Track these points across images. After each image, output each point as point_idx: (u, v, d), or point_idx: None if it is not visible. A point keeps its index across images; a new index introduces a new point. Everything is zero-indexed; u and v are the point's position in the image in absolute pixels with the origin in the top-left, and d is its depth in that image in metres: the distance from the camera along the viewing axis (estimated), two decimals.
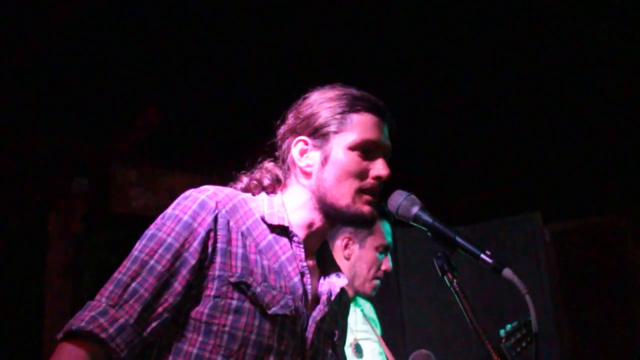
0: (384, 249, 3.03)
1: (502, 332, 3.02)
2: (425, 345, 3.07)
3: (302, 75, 4.37)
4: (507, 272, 1.58)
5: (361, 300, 3.18)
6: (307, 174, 1.81)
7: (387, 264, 3.05)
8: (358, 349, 2.95)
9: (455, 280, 1.67)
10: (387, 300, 5.80)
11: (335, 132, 1.78)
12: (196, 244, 1.65)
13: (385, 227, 3.05)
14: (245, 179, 1.89)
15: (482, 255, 1.62)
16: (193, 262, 1.63)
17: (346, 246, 3.02)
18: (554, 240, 6.58)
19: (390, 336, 3.31)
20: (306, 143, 1.81)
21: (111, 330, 1.54)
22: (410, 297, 6.32)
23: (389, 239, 3.06)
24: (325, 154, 1.78)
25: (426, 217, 1.72)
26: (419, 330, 6.24)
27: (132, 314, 1.57)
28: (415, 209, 1.74)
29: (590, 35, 4.46)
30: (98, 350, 1.54)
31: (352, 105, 1.80)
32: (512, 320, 2.98)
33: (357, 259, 3.00)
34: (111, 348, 1.54)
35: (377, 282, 3.05)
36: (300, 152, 1.82)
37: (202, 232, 1.66)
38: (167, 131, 5.11)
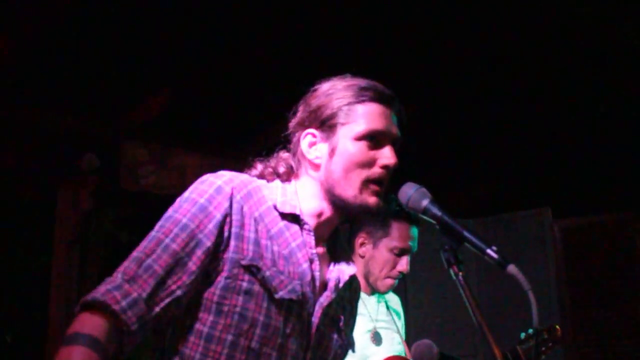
0: (399, 251, 3.06)
1: (522, 335, 3.11)
2: (428, 335, 3.09)
3: (315, 59, 4.40)
4: (512, 268, 1.58)
5: (389, 294, 3.27)
6: (316, 166, 1.84)
7: (403, 265, 3.07)
8: (377, 337, 3.05)
9: (460, 274, 1.67)
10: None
11: (342, 124, 1.80)
12: (211, 226, 1.69)
13: (412, 231, 3.08)
14: (259, 166, 1.92)
15: (488, 250, 1.62)
16: (208, 244, 1.68)
17: (361, 245, 3.10)
18: (563, 236, 6.56)
19: None
20: (314, 136, 1.84)
21: (123, 303, 1.58)
22: (416, 288, 6.32)
23: (411, 243, 3.08)
24: (332, 146, 1.81)
25: (435, 210, 1.73)
26: (423, 321, 6.24)
27: (145, 288, 1.61)
28: (425, 202, 1.75)
29: (608, 32, 4.44)
30: (110, 321, 1.57)
31: (358, 96, 1.81)
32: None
33: (369, 258, 3.07)
34: (122, 320, 1.57)
35: (391, 281, 3.09)
36: (309, 144, 1.84)
37: (217, 215, 1.70)
38: (178, 110, 5.13)
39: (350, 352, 2.00)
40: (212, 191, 1.73)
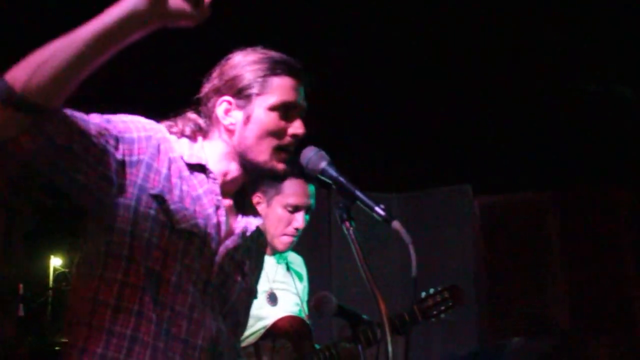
0: (293, 208, 3.10)
1: (422, 294, 3.21)
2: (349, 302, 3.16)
3: (233, 30, 4.44)
4: (396, 224, 1.74)
5: (292, 255, 3.33)
6: (230, 132, 1.98)
7: (299, 221, 3.12)
8: (272, 298, 3.12)
9: (351, 229, 1.81)
10: (316, 259, 5.92)
11: (257, 94, 1.94)
12: (129, 139, 1.81)
13: (308, 188, 3.14)
14: (166, 124, 2.03)
15: (376, 208, 1.78)
16: (119, 156, 1.78)
17: (257, 204, 3.05)
18: (481, 213, 6.79)
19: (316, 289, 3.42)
20: (230, 103, 1.97)
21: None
22: (341, 256, 6.45)
23: (306, 200, 3.13)
24: (247, 114, 1.95)
25: (332, 172, 1.88)
26: (346, 288, 6.40)
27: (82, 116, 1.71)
28: (323, 164, 1.89)
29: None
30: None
31: (273, 69, 1.96)
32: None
33: (264, 217, 2.95)
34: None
35: (288, 238, 3.14)
36: (225, 111, 1.98)
37: (135, 137, 1.83)
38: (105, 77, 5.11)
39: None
40: (137, 122, 1.87)
